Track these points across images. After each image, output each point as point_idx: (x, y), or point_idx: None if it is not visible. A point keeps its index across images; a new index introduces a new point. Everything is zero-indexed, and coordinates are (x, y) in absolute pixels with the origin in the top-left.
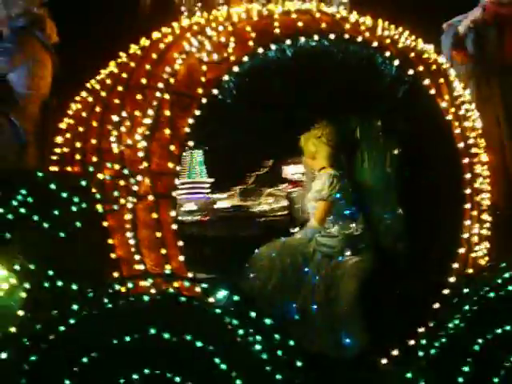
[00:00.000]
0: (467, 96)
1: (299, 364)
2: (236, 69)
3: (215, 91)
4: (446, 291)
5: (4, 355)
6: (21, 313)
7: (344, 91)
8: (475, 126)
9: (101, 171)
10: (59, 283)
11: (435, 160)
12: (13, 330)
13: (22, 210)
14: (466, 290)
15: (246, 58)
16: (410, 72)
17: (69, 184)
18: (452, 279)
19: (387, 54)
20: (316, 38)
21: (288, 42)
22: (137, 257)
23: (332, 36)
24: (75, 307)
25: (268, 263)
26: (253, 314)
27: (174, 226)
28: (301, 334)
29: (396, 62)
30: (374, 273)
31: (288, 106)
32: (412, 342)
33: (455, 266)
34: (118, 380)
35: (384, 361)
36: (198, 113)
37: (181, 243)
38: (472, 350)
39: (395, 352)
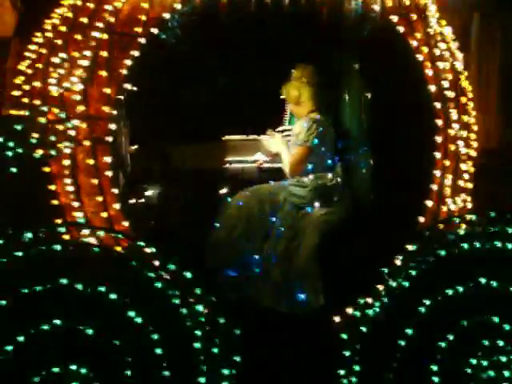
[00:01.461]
0: (447, 34)
1: (221, 321)
2: (179, 7)
3: (156, 30)
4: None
5: None
6: None
7: (308, 29)
8: (455, 67)
9: (41, 115)
10: None
11: (404, 103)
12: None
13: None
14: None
15: None
16: (377, 8)
17: (6, 128)
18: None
19: None
20: None
21: None
22: (76, 204)
23: None
24: None
25: (235, 212)
26: (172, 267)
27: (109, 173)
28: (258, 286)
29: None
30: (340, 226)
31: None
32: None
33: (422, 219)
34: (28, 330)
35: (337, 319)
36: (137, 54)
37: (116, 190)
38: (417, 311)
39: (350, 310)
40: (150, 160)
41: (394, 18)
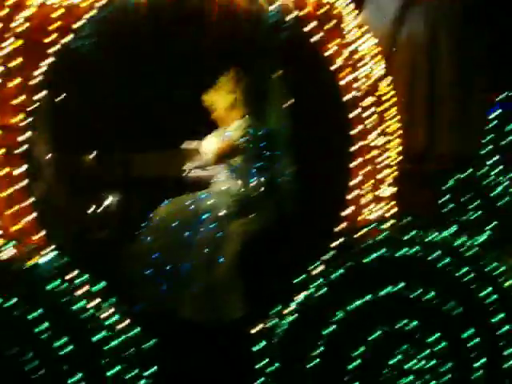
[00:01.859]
0: (367, 39)
1: (135, 331)
2: (94, 13)
3: (70, 38)
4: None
5: None
6: None
7: (227, 37)
8: (378, 73)
9: None
10: None
11: (318, 113)
12: None
13: None
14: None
15: (104, 2)
16: (290, 17)
17: None
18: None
19: None
20: None
21: None
22: None
23: None
24: None
25: (157, 223)
26: (84, 278)
27: (24, 183)
28: (178, 297)
29: (273, 7)
30: (260, 236)
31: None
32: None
33: (339, 228)
34: None
35: (257, 329)
36: (50, 61)
37: (31, 200)
38: (328, 323)
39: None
40: (79, 168)
41: (310, 26)
